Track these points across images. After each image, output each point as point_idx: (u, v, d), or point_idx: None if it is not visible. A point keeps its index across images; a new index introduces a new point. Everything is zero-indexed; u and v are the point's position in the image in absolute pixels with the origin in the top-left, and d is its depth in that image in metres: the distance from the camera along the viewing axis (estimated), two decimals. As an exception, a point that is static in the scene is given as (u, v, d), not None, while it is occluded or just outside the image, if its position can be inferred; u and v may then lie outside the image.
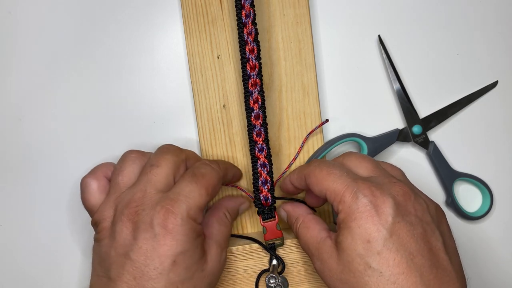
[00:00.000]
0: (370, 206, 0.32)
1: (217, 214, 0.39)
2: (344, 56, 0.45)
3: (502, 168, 0.46)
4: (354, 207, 0.32)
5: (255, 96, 0.39)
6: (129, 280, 0.32)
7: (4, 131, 0.45)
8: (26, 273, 0.45)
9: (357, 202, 0.33)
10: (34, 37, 0.45)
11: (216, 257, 0.36)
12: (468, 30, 0.46)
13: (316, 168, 0.36)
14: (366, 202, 0.32)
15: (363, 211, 0.32)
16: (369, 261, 0.31)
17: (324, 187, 0.35)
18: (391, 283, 0.31)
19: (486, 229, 0.46)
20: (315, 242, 0.36)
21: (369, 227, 0.32)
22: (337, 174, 0.35)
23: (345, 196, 0.33)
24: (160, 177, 0.35)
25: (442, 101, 0.45)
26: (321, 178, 0.35)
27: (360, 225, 0.32)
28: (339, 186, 0.34)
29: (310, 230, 0.37)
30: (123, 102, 0.45)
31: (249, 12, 0.39)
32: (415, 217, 0.33)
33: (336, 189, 0.34)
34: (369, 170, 0.36)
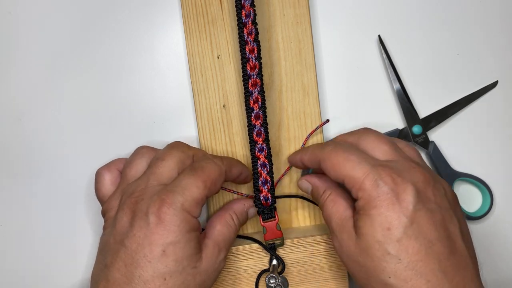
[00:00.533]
0: (391, 194, 0.32)
1: (222, 215, 0.38)
2: (344, 56, 0.45)
3: (502, 168, 0.46)
4: (375, 194, 0.32)
5: (255, 96, 0.39)
6: (120, 267, 0.33)
7: (4, 131, 0.45)
8: (26, 273, 0.45)
9: (378, 190, 0.32)
10: (34, 37, 0.45)
11: (212, 257, 0.35)
12: (468, 30, 0.46)
13: (332, 153, 0.35)
14: (387, 190, 0.32)
15: (384, 199, 0.32)
16: (388, 248, 0.31)
17: (343, 174, 0.34)
18: (409, 269, 0.31)
19: (486, 229, 0.46)
20: (339, 219, 0.35)
21: (389, 215, 0.32)
22: (356, 161, 0.34)
23: (365, 184, 0.33)
24: (163, 170, 0.36)
25: (442, 101, 0.45)
26: (337, 164, 0.35)
27: (381, 213, 0.32)
28: (358, 173, 0.33)
29: (337, 204, 0.36)
30: (123, 102, 0.45)
31: (249, 12, 0.39)
32: (435, 203, 0.33)
33: (355, 176, 0.33)
34: (388, 154, 0.35)
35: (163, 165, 0.36)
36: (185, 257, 0.33)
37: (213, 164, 0.36)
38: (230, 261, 0.41)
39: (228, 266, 0.41)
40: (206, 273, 0.35)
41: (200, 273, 0.34)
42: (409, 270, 0.31)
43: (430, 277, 0.31)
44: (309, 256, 0.41)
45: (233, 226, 0.38)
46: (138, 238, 0.33)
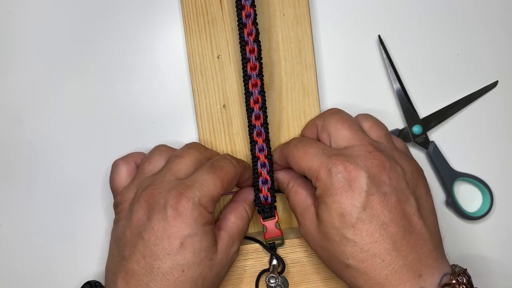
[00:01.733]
0: (343, 182, 0.34)
1: (235, 207, 0.39)
2: (344, 56, 0.45)
3: (502, 168, 0.46)
4: (329, 183, 0.34)
5: (256, 97, 0.39)
6: (139, 259, 0.34)
7: (4, 131, 0.45)
8: (25, 273, 0.45)
9: (331, 178, 0.34)
10: (34, 37, 0.45)
11: (226, 248, 0.36)
12: (468, 30, 0.46)
13: (294, 148, 0.38)
14: (339, 178, 0.34)
15: (337, 187, 0.34)
16: (344, 232, 0.33)
17: (302, 166, 0.36)
18: (365, 251, 0.33)
19: (486, 229, 0.46)
20: (301, 208, 0.38)
21: (343, 202, 0.34)
22: (313, 153, 0.36)
23: (320, 174, 0.35)
24: (181, 166, 0.37)
25: (442, 101, 0.45)
26: (298, 157, 0.37)
27: (335, 200, 0.34)
28: (315, 164, 0.35)
29: (298, 195, 0.38)
30: (123, 102, 0.45)
31: (249, 12, 0.38)
32: (389, 186, 0.34)
33: (312, 167, 0.35)
34: (346, 139, 0.37)
35: (181, 162, 0.37)
36: (202, 249, 0.34)
37: (231, 164, 0.38)
38: (230, 261, 0.41)
39: (228, 266, 0.41)
40: (221, 264, 0.36)
41: (216, 264, 0.35)
42: (364, 252, 0.33)
43: (385, 256, 0.33)
44: (309, 256, 0.41)
45: (246, 218, 0.39)
46: (156, 231, 0.34)
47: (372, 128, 0.38)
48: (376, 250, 0.33)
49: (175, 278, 0.33)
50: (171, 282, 0.33)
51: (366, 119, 0.39)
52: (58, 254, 0.45)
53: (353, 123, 0.38)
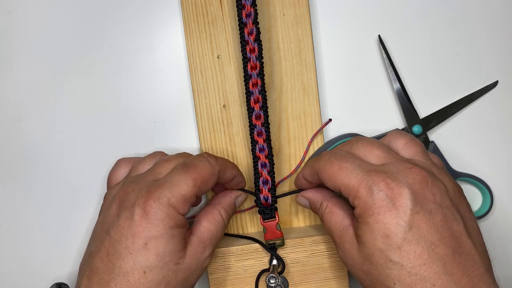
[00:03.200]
0: (386, 200, 0.31)
1: (210, 211, 0.38)
2: (344, 56, 0.45)
3: (502, 168, 0.46)
4: (370, 202, 0.32)
5: (256, 96, 0.39)
6: (103, 256, 0.33)
7: (4, 131, 0.45)
8: (25, 272, 0.45)
9: (373, 197, 0.32)
10: (34, 37, 0.45)
11: (196, 254, 0.35)
12: (468, 30, 0.46)
13: (327, 163, 0.35)
14: (382, 196, 0.32)
15: (380, 206, 0.31)
16: (389, 255, 0.31)
17: (338, 183, 0.34)
18: (413, 275, 0.30)
19: (486, 229, 0.46)
20: (338, 230, 0.35)
21: (387, 222, 0.31)
22: (349, 168, 0.34)
23: (360, 192, 0.32)
24: (163, 169, 0.36)
25: (442, 101, 0.45)
26: (333, 173, 0.34)
27: (378, 220, 0.31)
28: (353, 181, 0.33)
29: (334, 216, 0.36)
30: (123, 102, 0.45)
31: (249, 11, 0.38)
32: (434, 203, 0.32)
33: (350, 184, 0.33)
34: (381, 158, 0.35)
35: (165, 165, 0.36)
36: (168, 253, 0.33)
37: (207, 162, 0.36)
38: (230, 261, 0.41)
39: (228, 266, 0.41)
40: (189, 270, 0.34)
41: (183, 269, 0.34)
42: (413, 276, 0.30)
43: (435, 280, 0.30)
44: (309, 256, 0.41)
45: (221, 222, 0.37)
46: (122, 229, 0.33)
47: (408, 146, 0.36)
48: (425, 273, 0.30)
49: (135, 280, 0.32)
50: (131, 283, 0.32)
51: (399, 137, 0.37)
52: (57, 254, 0.45)
53: (383, 144, 0.36)
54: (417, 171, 0.33)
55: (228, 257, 0.41)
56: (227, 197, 0.39)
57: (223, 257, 0.41)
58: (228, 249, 0.41)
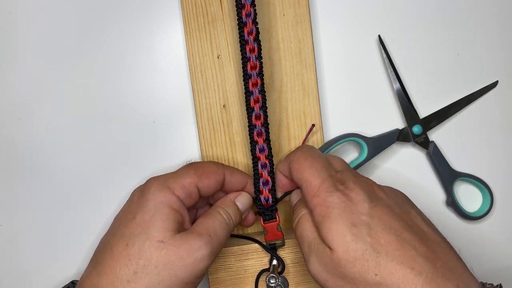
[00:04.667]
0: (343, 198, 0.33)
1: (208, 211, 0.38)
2: (344, 56, 0.45)
3: (502, 168, 0.46)
4: (330, 200, 0.33)
5: (256, 96, 0.39)
6: (104, 240, 0.35)
7: (4, 131, 0.45)
8: (25, 273, 0.45)
9: (332, 196, 0.33)
10: (34, 37, 0.45)
11: (186, 240, 0.33)
12: (468, 30, 0.46)
13: (301, 156, 0.37)
14: (339, 194, 0.33)
15: (339, 203, 0.33)
16: (362, 245, 0.31)
17: (303, 178, 0.35)
18: (390, 260, 0.30)
19: (486, 229, 0.46)
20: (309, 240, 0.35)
21: (349, 216, 0.32)
22: (318, 168, 0.35)
23: (321, 191, 0.34)
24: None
25: (442, 101, 0.45)
26: (303, 167, 0.36)
27: (340, 214, 0.32)
28: (317, 180, 0.34)
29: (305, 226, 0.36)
30: (123, 102, 0.45)
31: (249, 11, 0.38)
32: (388, 200, 0.34)
33: (313, 183, 0.34)
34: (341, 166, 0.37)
35: None
36: (152, 227, 0.33)
37: (210, 162, 0.38)
38: (230, 261, 0.41)
39: (228, 266, 0.41)
40: (177, 254, 0.33)
41: (167, 249, 0.33)
42: (390, 261, 0.30)
43: (412, 263, 0.30)
44: (309, 256, 0.41)
45: (218, 217, 0.37)
46: (122, 210, 0.36)
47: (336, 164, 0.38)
48: (401, 258, 0.30)
49: (118, 252, 0.33)
50: (114, 255, 0.33)
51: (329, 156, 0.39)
52: (58, 254, 0.45)
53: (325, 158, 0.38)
54: (363, 177, 0.36)
55: (228, 257, 0.41)
56: (224, 198, 0.39)
57: (223, 257, 0.41)
58: (228, 249, 0.41)
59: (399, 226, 0.32)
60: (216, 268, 0.41)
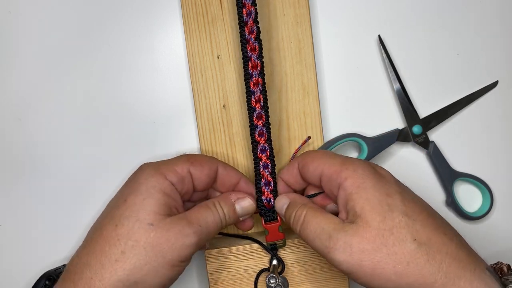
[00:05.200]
0: (373, 170, 0.34)
1: (204, 202, 0.38)
2: (344, 56, 0.45)
3: (502, 168, 0.46)
4: (360, 172, 0.34)
5: (257, 96, 0.39)
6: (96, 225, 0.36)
7: (4, 131, 0.45)
8: (26, 272, 0.45)
9: (363, 168, 0.34)
10: (34, 37, 0.45)
11: (176, 225, 0.34)
12: (468, 30, 0.46)
13: (310, 152, 0.38)
14: (369, 166, 0.35)
15: (369, 174, 0.34)
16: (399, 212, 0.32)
17: (321, 162, 0.36)
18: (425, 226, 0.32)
19: (486, 229, 0.46)
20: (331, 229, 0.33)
21: (382, 185, 0.33)
22: (332, 154, 0.37)
23: (347, 166, 0.35)
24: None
25: (442, 101, 0.45)
26: (317, 156, 0.37)
27: (374, 184, 0.33)
28: (337, 160, 0.35)
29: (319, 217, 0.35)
30: (123, 102, 0.45)
31: (250, 10, 0.38)
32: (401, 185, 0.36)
33: (335, 163, 0.35)
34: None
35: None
36: (142, 210, 0.34)
37: (204, 155, 0.39)
38: (230, 261, 0.41)
39: (228, 266, 0.41)
40: (165, 237, 0.33)
41: (156, 232, 0.33)
42: (426, 227, 0.32)
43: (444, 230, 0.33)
44: (309, 256, 0.41)
45: (212, 210, 0.37)
46: (115, 197, 0.36)
47: None
48: (434, 225, 0.32)
49: (108, 233, 0.33)
50: (104, 236, 0.33)
51: None
52: (58, 254, 0.45)
53: None
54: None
55: (228, 257, 0.41)
56: (226, 195, 0.39)
57: (223, 257, 0.41)
58: (228, 249, 0.41)
59: (422, 202, 0.34)
60: (216, 268, 0.41)
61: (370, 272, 0.32)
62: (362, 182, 0.33)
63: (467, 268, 0.31)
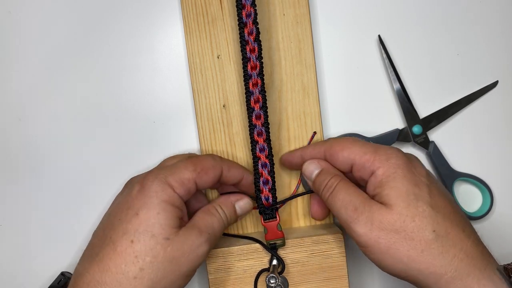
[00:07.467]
0: (407, 160, 0.35)
1: (206, 207, 0.38)
2: (344, 56, 0.45)
3: (502, 168, 0.46)
4: (394, 161, 0.35)
5: (256, 96, 0.39)
6: (99, 232, 0.35)
7: (4, 131, 0.45)
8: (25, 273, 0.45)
9: (396, 157, 0.35)
10: (34, 37, 0.45)
11: (189, 235, 0.35)
12: (468, 30, 0.46)
13: (339, 139, 0.39)
14: (402, 156, 0.35)
15: (402, 163, 0.35)
16: (424, 202, 0.33)
17: (353, 151, 0.36)
18: (447, 220, 0.33)
19: (486, 229, 0.46)
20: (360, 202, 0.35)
21: (412, 177, 0.34)
22: (361, 142, 0.37)
23: (380, 155, 0.35)
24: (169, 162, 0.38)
25: (442, 101, 0.45)
26: (346, 144, 0.37)
27: (405, 174, 0.34)
28: (369, 149, 0.36)
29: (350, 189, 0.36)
30: (123, 102, 0.45)
31: (249, 11, 0.38)
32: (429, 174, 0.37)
33: (366, 152, 0.36)
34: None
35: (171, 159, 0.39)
36: (157, 224, 0.33)
37: (209, 156, 0.38)
38: (230, 261, 0.41)
39: (228, 266, 0.41)
40: (181, 250, 0.34)
41: (172, 246, 0.34)
42: (446, 221, 0.33)
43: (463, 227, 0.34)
44: (309, 256, 0.41)
45: (216, 215, 0.37)
46: (118, 204, 0.35)
47: None
48: (455, 220, 0.33)
49: (122, 249, 0.33)
50: (118, 252, 0.33)
51: None
52: (58, 254, 0.45)
53: None
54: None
55: (228, 257, 0.41)
56: (225, 197, 0.40)
57: (223, 257, 0.41)
58: (228, 249, 0.41)
59: (448, 197, 0.35)
60: (216, 268, 0.41)
61: (384, 250, 0.33)
62: (394, 172, 0.34)
63: (477, 266, 0.32)
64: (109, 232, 0.34)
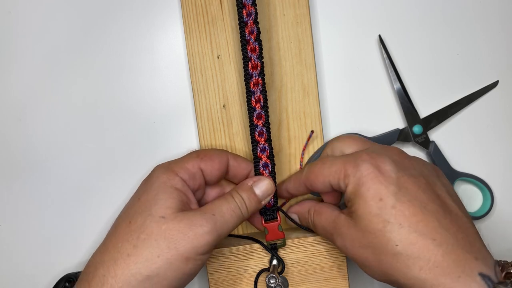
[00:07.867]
0: (372, 168, 0.34)
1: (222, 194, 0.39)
2: (344, 56, 0.45)
3: (502, 168, 0.46)
4: (359, 174, 0.34)
5: (257, 96, 0.39)
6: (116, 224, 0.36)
7: (4, 131, 0.45)
8: (25, 273, 0.45)
9: (360, 168, 0.34)
10: (34, 37, 0.45)
11: (186, 215, 0.34)
12: (468, 30, 0.46)
13: (310, 168, 0.38)
14: (367, 165, 0.34)
15: (367, 174, 0.34)
16: (386, 217, 0.32)
17: (326, 175, 0.36)
18: (412, 231, 0.32)
19: (486, 229, 0.46)
20: (331, 222, 0.36)
21: (377, 187, 0.33)
22: (331, 160, 0.37)
23: (347, 170, 0.35)
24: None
25: (442, 101, 0.45)
26: (318, 171, 0.37)
27: (369, 187, 0.33)
28: (338, 166, 0.36)
29: (323, 214, 0.38)
30: (123, 102, 0.45)
31: (250, 11, 0.38)
32: (414, 170, 0.35)
33: (337, 170, 0.35)
34: (359, 146, 0.38)
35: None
36: (155, 204, 0.34)
37: (214, 148, 0.40)
38: (230, 261, 0.41)
39: (228, 266, 0.41)
40: (177, 228, 0.33)
41: (168, 224, 0.33)
42: (412, 233, 0.32)
43: (434, 235, 0.31)
44: (309, 256, 0.41)
45: (228, 199, 0.37)
46: (130, 199, 0.37)
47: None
48: (423, 229, 0.32)
49: (122, 229, 0.34)
50: (118, 232, 0.34)
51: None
52: (58, 254, 0.45)
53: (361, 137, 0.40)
54: (394, 148, 0.37)
55: (228, 257, 0.41)
56: (242, 182, 0.39)
57: (223, 257, 0.41)
58: (228, 249, 0.41)
59: (425, 197, 0.33)
60: (216, 268, 0.41)
61: (362, 263, 0.34)
62: (360, 186, 0.34)
63: (449, 276, 0.31)
64: (116, 220, 0.36)
